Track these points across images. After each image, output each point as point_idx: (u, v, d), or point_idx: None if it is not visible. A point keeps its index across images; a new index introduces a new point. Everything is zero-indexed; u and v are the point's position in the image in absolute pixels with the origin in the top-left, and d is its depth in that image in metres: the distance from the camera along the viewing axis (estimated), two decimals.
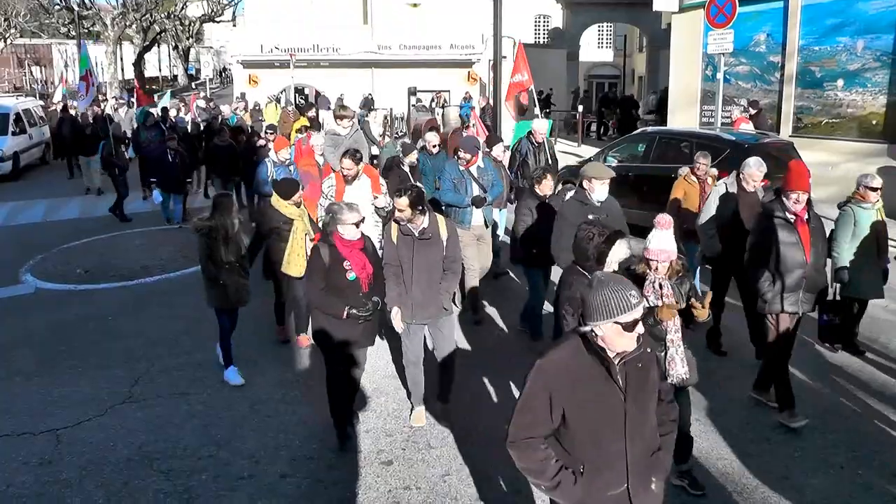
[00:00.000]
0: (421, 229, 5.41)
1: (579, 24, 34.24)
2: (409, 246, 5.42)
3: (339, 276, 5.24)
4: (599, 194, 6.13)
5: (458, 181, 8.01)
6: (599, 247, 4.27)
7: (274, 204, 7.12)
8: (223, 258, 6.51)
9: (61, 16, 47.03)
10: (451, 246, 5.58)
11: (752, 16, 15.89)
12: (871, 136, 13.98)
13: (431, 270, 5.48)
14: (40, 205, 16.16)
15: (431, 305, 5.52)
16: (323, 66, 29.89)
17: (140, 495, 4.98)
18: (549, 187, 7.26)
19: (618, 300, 2.82)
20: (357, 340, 5.44)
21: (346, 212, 5.28)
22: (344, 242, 5.29)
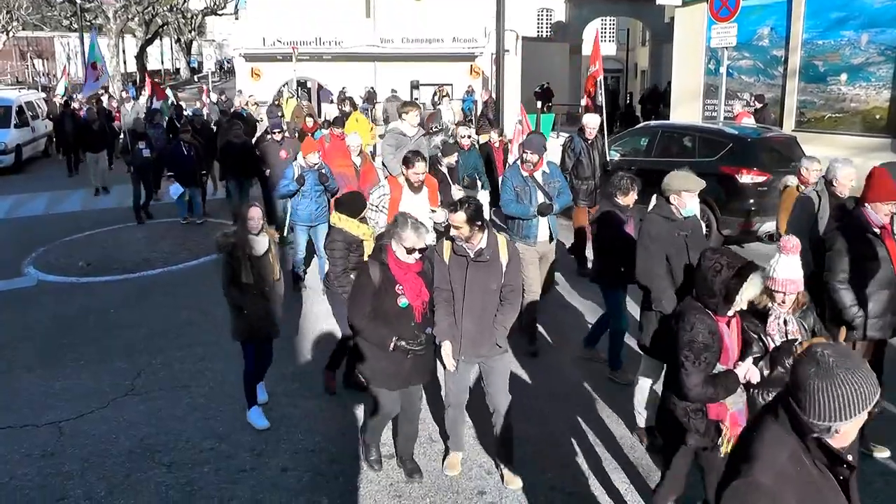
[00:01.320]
0: (477, 250, 4.62)
1: (582, 17, 34.18)
2: (461, 268, 4.65)
3: (389, 302, 4.51)
4: (689, 208, 5.24)
5: (522, 189, 6.93)
6: (729, 282, 3.61)
7: (337, 223, 5.81)
8: (247, 280, 5.58)
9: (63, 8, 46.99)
10: (512, 272, 4.77)
11: (756, 9, 15.85)
12: (875, 131, 13.96)
13: (486, 299, 4.70)
14: (42, 197, 16.17)
15: (485, 341, 4.73)
16: (325, 60, 29.87)
17: (142, 488, 4.99)
18: (634, 198, 6.37)
19: (869, 384, 2.11)
20: (406, 376, 4.69)
21: (410, 230, 4.44)
22: (399, 263, 4.53)
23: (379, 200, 6.67)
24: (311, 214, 8.74)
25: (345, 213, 5.82)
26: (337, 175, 8.96)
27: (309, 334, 7.76)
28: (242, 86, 30.10)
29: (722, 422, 3.76)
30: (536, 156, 6.92)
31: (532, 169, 6.95)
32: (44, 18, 50.56)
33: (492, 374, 4.87)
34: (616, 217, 6.27)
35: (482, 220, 4.64)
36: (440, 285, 4.75)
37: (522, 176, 6.97)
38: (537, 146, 6.97)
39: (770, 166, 10.03)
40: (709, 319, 3.64)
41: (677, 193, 5.17)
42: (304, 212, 8.74)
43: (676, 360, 3.68)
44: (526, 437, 5.47)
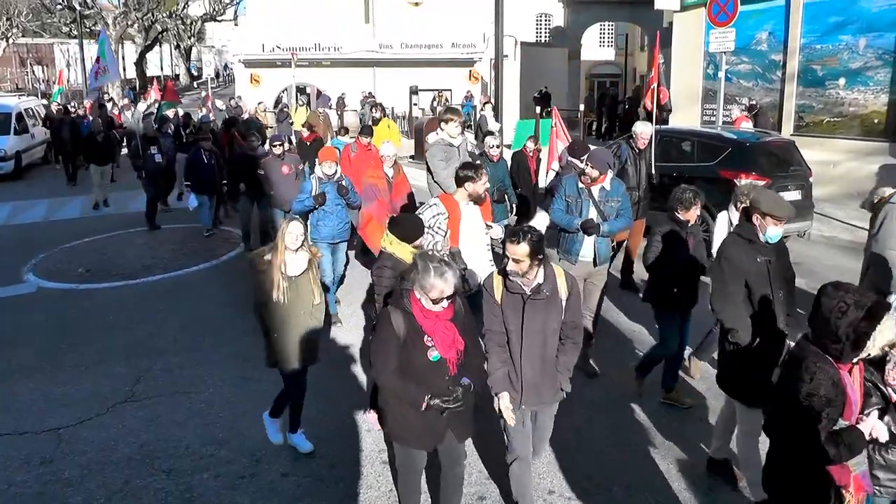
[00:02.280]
0: (535, 286, 4.09)
1: (581, 22, 34.24)
2: (517, 307, 4.11)
3: (418, 355, 3.85)
4: (773, 233, 4.56)
5: (574, 200, 6.45)
6: (858, 325, 3.07)
7: (388, 248, 5.06)
8: (279, 302, 5.15)
9: (63, 15, 47.10)
10: (573, 307, 4.26)
11: (754, 14, 15.89)
12: (873, 135, 13.98)
13: (547, 340, 4.19)
14: (42, 204, 16.16)
15: (546, 386, 4.28)
16: (324, 66, 29.93)
17: (141, 494, 4.98)
18: (697, 213, 5.92)
19: None
20: (442, 432, 4.07)
21: (433, 277, 3.72)
22: (426, 312, 3.82)
23: (434, 221, 5.87)
24: (334, 231, 8.00)
25: (398, 237, 5.03)
26: (367, 187, 8.33)
27: None
28: (242, 92, 30.14)
29: (845, 487, 3.31)
30: (597, 171, 6.34)
31: (590, 183, 6.42)
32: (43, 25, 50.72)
33: (541, 417, 4.49)
34: (676, 234, 5.84)
35: (543, 253, 4.11)
36: (492, 328, 4.20)
37: (578, 187, 6.46)
38: (601, 162, 6.38)
39: (769, 171, 10.05)
40: (831, 368, 3.13)
41: (761, 216, 4.56)
42: (325, 228, 7.96)
43: (790, 414, 3.20)
44: None
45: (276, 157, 10.23)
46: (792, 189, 10.14)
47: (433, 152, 7.40)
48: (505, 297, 4.15)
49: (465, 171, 5.95)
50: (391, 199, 8.32)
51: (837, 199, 12.92)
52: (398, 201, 8.39)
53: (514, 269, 4.02)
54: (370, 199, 8.22)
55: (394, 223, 5.24)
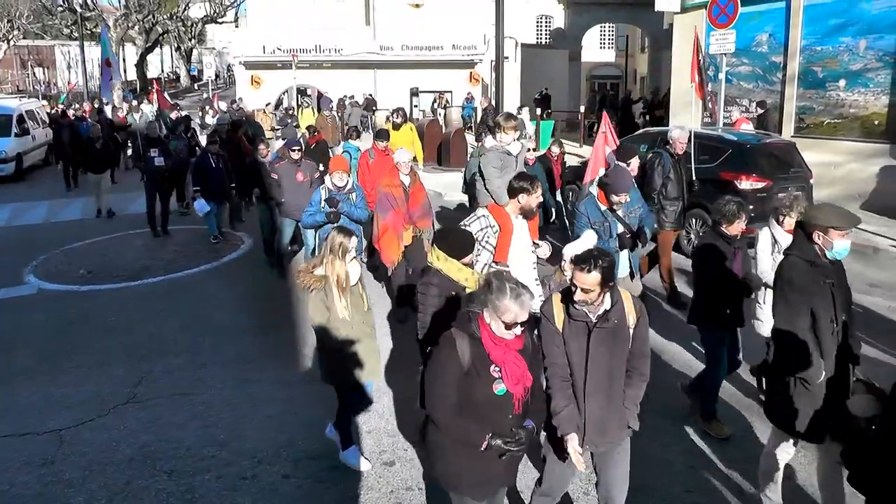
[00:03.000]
0: (601, 312, 3.70)
1: (581, 24, 34.27)
2: (580, 337, 3.72)
3: (482, 388, 3.41)
4: (841, 246, 4.18)
5: (601, 225, 6.06)
6: None
7: (435, 263, 4.68)
8: (344, 317, 4.90)
9: (64, 17, 47.19)
10: (641, 335, 3.85)
11: (754, 16, 15.89)
12: (874, 137, 13.98)
13: (614, 373, 3.79)
14: (43, 206, 16.18)
15: (613, 425, 3.86)
16: (325, 67, 29.95)
17: (143, 495, 4.99)
18: (742, 227, 5.54)
19: None
20: (497, 481, 3.71)
21: (509, 300, 3.29)
22: (495, 339, 3.38)
23: (483, 234, 5.51)
24: None
25: (447, 252, 4.64)
26: (382, 196, 7.93)
27: (308, 339, 7.73)
28: (243, 93, 30.20)
29: None
30: (626, 196, 6.06)
31: (619, 208, 6.13)
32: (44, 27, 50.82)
33: (609, 461, 4.00)
34: (721, 249, 5.44)
35: (614, 279, 3.74)
36: (555, 360, 3.78)
37: (601, 210, 6.11)
38: (625, 185, 6.05)
39: (769, 172, 10.06)
40: None
41: (823, 231, 4.16)
42: None
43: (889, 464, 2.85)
44: None
45: (292, 163, 9.67)
46: (792, 191, 10.14)
47: (489, 158, 6.94)
48: (567, 325, 3.75)
49: (520, 181, 5.54)
50: (408, 208, 7.95)
51: (838, 200, 12.90)
52: (415, 210, 8.03)
53: (583, 299, 3.63)
54: (386, 209, 7.86)
55: (442, 238, 4.84)
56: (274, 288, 9.63)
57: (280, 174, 9.64)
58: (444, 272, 4.60)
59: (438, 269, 4.63)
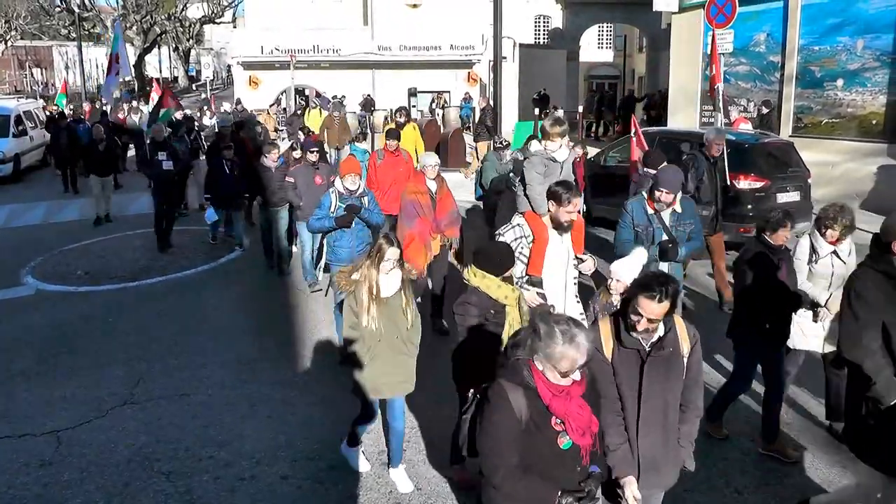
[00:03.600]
0: (656, 339, 3.40)
1: (579, 24, 34.25)
2: (633, 367, 3.40)
3: (544, 443, 3.00)
4: None
5: (644, 230, 5.84)
6: None
7: (472, 280, 4.42)
8: (370, 328, 4.63)
9: (62, 18, 47.16)
10: (695, 365, 3.54)
11: (752, 16, 15.91)
12: (871, 136, 14.00)
13: (668, 407, 3.47)
14: (41, 206, 16.16)
15: (668, 465, 3.54)
16: (323, 68, 29.93)
17: (141, 497, 4.98)
18: (787, 236, 5.20)
19: None
20: None
21: (562, 344, 2.89)
22: (552, 387, 2.97)
23: (517, 245, 5.19)
24: (353, 252, 7.00)
25: (484, 268, 4.38)
26: (408, 203, 7.48)
27: (307, 341, 7.75)
28: (241, 94, 30.17)
29: None
30: (672, 195, 5.73)
31: (663, 209, 5.83)
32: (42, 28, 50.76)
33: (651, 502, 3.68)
34: (766, 260, 5.10)
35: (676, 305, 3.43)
36: (606, 393, 3.40)
37: (647, 213, 5.84)
38: (673, 183, 5.76)
39: (767, 172, 10.06)
40: None
41: None
42: (344, 250, 7.06)
43: None
44: None
45: (308, 166, 9.32)
46: (790, 190, 10.16)
47: (533, 163, 6.54)
48: (617, 353, 3.40)
49: (556, 188, 5.13)
50: (435, 216, 7.48)
51: (836, 199, 12.91)
52: (443, 219, 7.54)
53: (646, 328, 3.30)
54: (411, 217, 7.43)
55: (480, 253, 4.54)
56: (272, 289, 9.63)
57: (297, 178, 9.24)
58: (483, 290, 4.34)
59: (476, 286, 4.36)
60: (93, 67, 49.46)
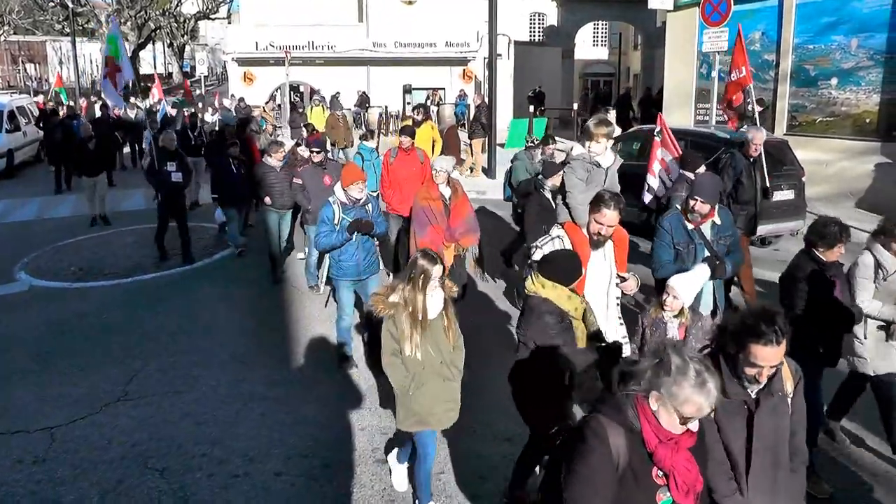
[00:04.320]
0: (763, 384, 2.97)
1: (574, 21, 34.28)
2: (739, 418, 2.97)
3: (640, 496, 2.60)
4: None
5: (685, 247, 5.33)
6: None
7: (540, 292, 4.13)
8: (413, 356, 4.24)
9: (55, 13, 46.98)
10: (799, 405, 3.12)
11: (747, 14, 15.93)
12: (865, 134, 14.05)
13: (780, 458, 3.04)
14: (34, 202, 16.10)
15: None
16: (318, 64, 29.89)
17: (134, 493, 4.97)
18: (840, 252, 4.77)
19: None
20: None
21: (693, 385, 2.47)
22: (661, 432, 2.56)
23: None
24: (359, 266, 6.60)
25: (553, 279, 4.11)
26: (419, 210, 7.03)
27: (301, 338, 7.75)
28: (235, 90, 30.13)
29: None
30: (708, 206, 5.25)
31: (700, 221, 5.33)
32: (35, 23, 50.54)
33: None
34: (820, 277, 4.68)
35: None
36: (714, 456, 2.94)
37: (687, 228, 5.34)
38: (712, 192, 5.31)
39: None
40: None
41: None
42: (349, 263, 6.57)
43: None
44: (516, 438, 5.48)
45: (316, 166, 9.06)
46: (785, 188, 10.18)
47: (574, 167, 5.99)
48: (718, 405, 2.75)
49: (595, 198, 4.77)
50: (449, 224, 7.06)
51: (830, 198, 12.98)
52: (458, 227, 7.10)
53: (755, 375, 2.89)
54: (423, 224, 7.02)
55: (547, 263, 4.22)
56: (267, 286, 9.61)
57: (304, 179, 8.92)
58: (553, 300, 4.05)
59: (545, 297, 4.08)
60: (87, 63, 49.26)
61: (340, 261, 6.58)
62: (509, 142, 22.56)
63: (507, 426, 5.61)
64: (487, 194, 15.02)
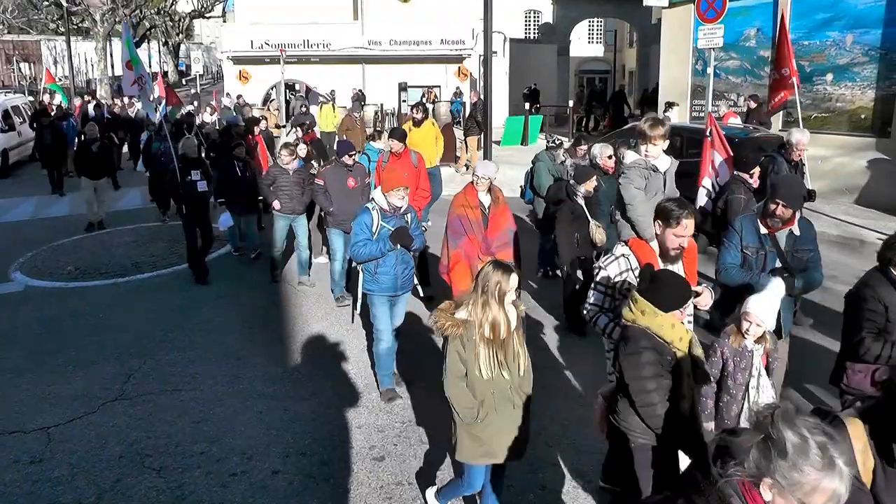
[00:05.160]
0: None
1: (569, 19, 34.26)
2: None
3: None
4: None
5: (755, 253, 4.84)
6: None
7: (639, 320, 3.54)
8: (487, 376, 3.86)
9: (50, 11, 46.80)
10: None
11: (743, 10, 15.95)
12: (860, 130, 14.07)
13: None
14: (29, 202, 16.06)
15: None
16: (313, 62, 29.86)
17: (132, 493, 4.97)
18: None
19: None
20: None
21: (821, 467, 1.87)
22: None
23: (621, 281, 4.34)
24: (397, 280, 6.08)
25: (657, 303, 3.50)
26: (456, 219, 6.44)
27: (298, 336, 7.75)
28: (230, 88, 30.08)
29: None
30: (790, 210, 4.72)
31: (778, 227, 4.80)
32: (30, 22, 50.31)
33: None
34: (889, 297, 4.21)
35: None
36: None
37: (760, 234, 4.84)
38: (795, 196, 4.76)
39: None
40: None
41: None
42: (387, 276, 6.02)
43: None
44: None
45: (340, 167, 8.58)
46: None
47: (630, 177, 5.44)
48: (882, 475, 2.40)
49: (666, 205, 4.20)
50: (486, 234, 6.47)
51: (825, 194, 12.99)
52: (495, 238, 6.51)
53: None
54: (458, 234, 6.45)
55: (654, 284, 3.59)
56: (264, 284, 9.60)
57: (327, 179, 8.54)
58: (654, 330, 3.47)
59: (645, 327, 3.48)
60: (82, 62, 49.13)
61: (378, 273, 6.02)
62: (504, 139, 22.57)
63: None
64: None
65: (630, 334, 3.52)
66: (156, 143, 13.29)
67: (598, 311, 4.36)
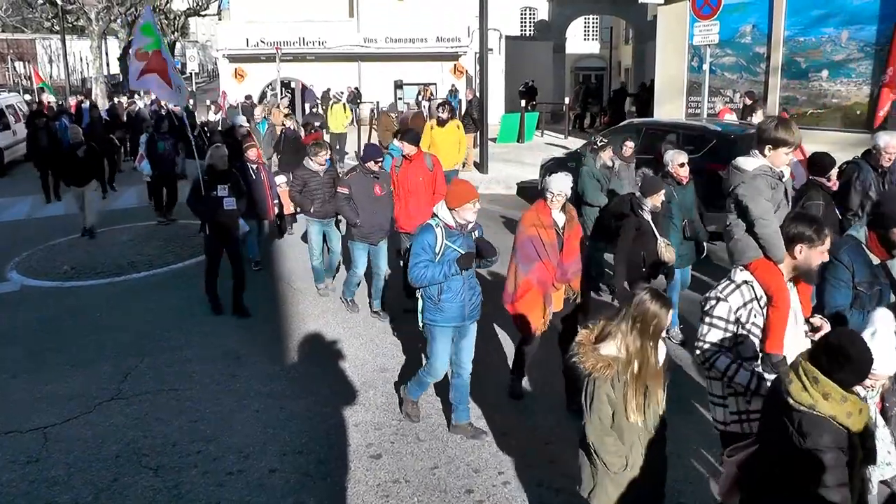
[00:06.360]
0: None
1: (565, 16, 34.27)
2: None
3: None
4: None
5: (868, 287, 4.04)
6: None
7: (818, 403, 2.72)
8: (632, 419, 3.42)
9: (44, 10, 46.66)
10: None
11: (738, 7, 15.95)
12: (856, 126, 14.10)
13: None
14: (25, 201, 16.02)
15: None
16: (309, 60, 29.86)
17: (129, 492, 4.97)
18: None
19: None
20: None
21: None
22: None
23: (746, 311, 3.66)
24: (466, 309, 5.29)
25: (842, 379, 2.71)
26: (526, 240, 5.65)
27: (296, 334, 7.74)
28: (226, 86, 30.07)
29: None
30: None
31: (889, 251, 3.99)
32: (24, 20, 50.18)
33: None
34: None
35: None
36: None
37: (872, 264, 4.04)
38: None
39: None
40: None
41: None
42: (453, 304, 5.23)
43: None
44: (512, 432, 5.51)
45: (366, 174, 7.82)
46: None
47: (758, 187, 4.56)
48: None
49: (799, 224, 3.59)
50: (561, 259, 5.69)
51: None
52: (570, 263, 5.75)
53: None
54: (531, 259, 5.65)
55: (839, 359, 2.70)
56: (260, 283, 9.59)
57: (352, 187, 7.82)
58: (840, 421, 2.70)
59: (828, 416, 2.70)
60: (77, 60, 49.00)
61: (442, 301, 5.21)
62: (501, 136, 22.57)
63: (504, 421, 5.64)
64: (480, 189, 14.97)
65: (809, 428, 2.69)
66: (160, 142, 12.97)
67: (716, 351, 3.62)
